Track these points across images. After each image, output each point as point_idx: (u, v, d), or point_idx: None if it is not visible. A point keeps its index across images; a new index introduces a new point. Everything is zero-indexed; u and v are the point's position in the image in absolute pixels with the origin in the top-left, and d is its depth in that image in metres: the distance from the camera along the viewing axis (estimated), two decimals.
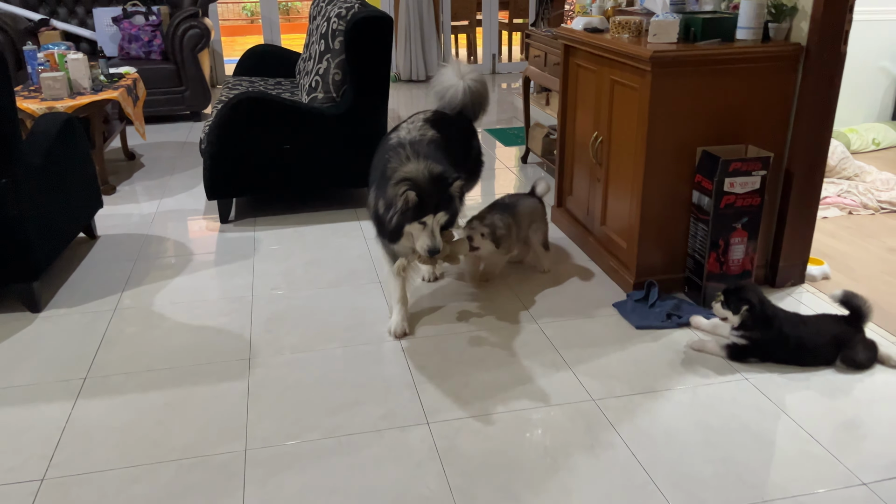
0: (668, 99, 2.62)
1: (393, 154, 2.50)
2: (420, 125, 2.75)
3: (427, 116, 2.86)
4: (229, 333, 2.66)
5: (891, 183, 3.94)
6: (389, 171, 2.45)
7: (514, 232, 2.88)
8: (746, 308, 2.35)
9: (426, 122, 2.79)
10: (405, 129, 2.73)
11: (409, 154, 2.47)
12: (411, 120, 2.82)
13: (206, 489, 1.88)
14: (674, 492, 1.84)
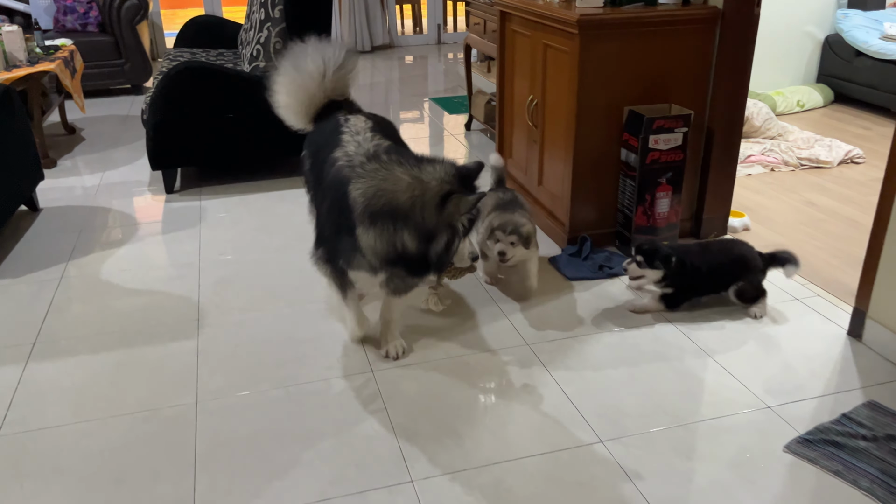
0: (595, 61, 2.75)
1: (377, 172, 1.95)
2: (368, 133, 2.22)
3: (361, 119, 2.33)
4: (178, 297, 2.72)
5: (811, 141, 4.17)
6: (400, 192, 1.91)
7: (532, 221, 2.61)
8: (673, 261, 2.45)
9: (370, 127, 2.28)
10: (352, 142, 2.15)
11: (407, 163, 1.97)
12: (349, 131, 2.22)
13: (158, 439, 1.97)
14: (599, 421, 2.00)
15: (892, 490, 1.73)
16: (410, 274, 2.03)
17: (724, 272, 2.51)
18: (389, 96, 6.02)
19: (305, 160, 2.45)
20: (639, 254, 2.49)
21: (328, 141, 2.23)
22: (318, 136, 2.38)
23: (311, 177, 2.37)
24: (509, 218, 2.48)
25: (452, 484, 1.79)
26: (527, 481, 1.80)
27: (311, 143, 2.43)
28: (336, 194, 2.02)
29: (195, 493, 1.78)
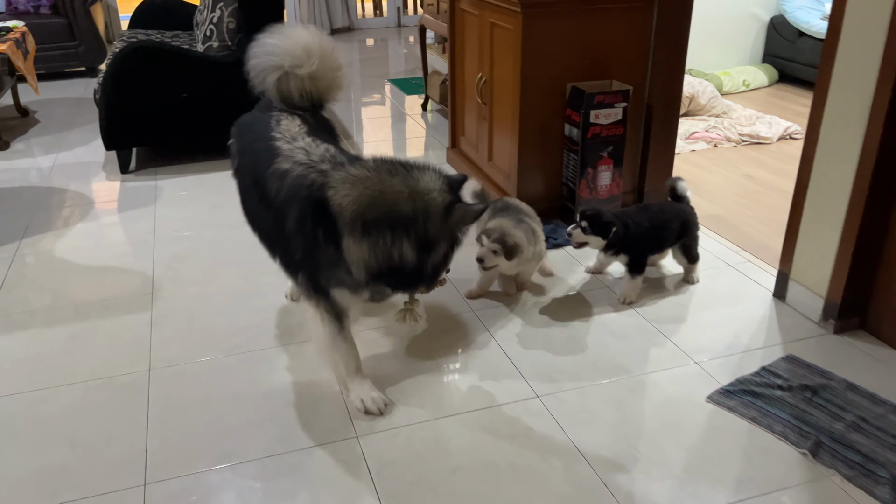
0: (538, 38, 2.84)
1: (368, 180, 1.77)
2: (307, 138, 1.98)
3: (294, 121, 2.06)
4: (133, 272, 2.77)
5: (752, 119, 4.33)
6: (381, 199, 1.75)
7: (534, 233, 2.45)
8: (613, 229, 2.41)
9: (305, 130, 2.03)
10: (296, 149, 1.91)
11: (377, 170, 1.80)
12: (283, 137, 1.96)
13: (111, 405, 2.03)
14: (536, 377, 2.12)
15: (803, 433, 1.87)
16: (397, 288, 1.92)
17: (668, 229, 2.54)
18: (350, 78, 6.06)
19: (234, 157, 2.19)
20: (583, 219, 2.45)
21: (259, 146, 1.98)
22: (248, 132, 2.12)
23: (242, 183, 2.14)
24: (501, 224, 2.36)
25: (395, 438, 1.89)
26: (465, 433, 1.90)
27: (241, 137, 2.16)
28: (303, 205, 1.79)
29: (147, 454, 1.85)
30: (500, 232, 2.33)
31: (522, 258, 2.38)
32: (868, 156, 2.11)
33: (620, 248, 2.49)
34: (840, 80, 2.16)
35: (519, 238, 2.34)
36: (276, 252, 2.03)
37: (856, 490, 1.69)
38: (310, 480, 1.75)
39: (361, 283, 1.83)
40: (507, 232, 2.33)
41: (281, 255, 2.00)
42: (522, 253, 2.35)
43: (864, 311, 2.30)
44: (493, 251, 2.31)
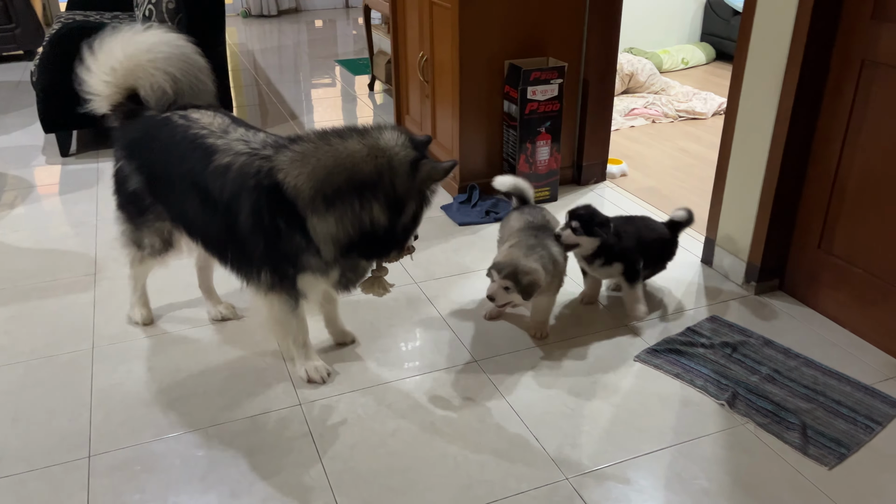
0: (476, 17, 2.90)
1: (318, 151, 1.74)
2: (241, 128, 1.93)
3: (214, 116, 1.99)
4: (74, 254, 2.76)
5: (689, 95, 4.47)
6: (340, 164, 1.71)
7: (556, 263, 2.14)
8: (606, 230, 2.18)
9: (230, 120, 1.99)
10: (233, 140, 1.85)
11: (332, 136, 1.77)
12: (214, 133, 1.89)
13: (54, 381, 2.05)
14: (474, 344, 2.20)
15: (721, 386, 1.99)
16: (371, 256, 1.87)
17: (654, 249, 2.35)
18: (297, 59, 6.03)
19: (130, 176, 2.03)
20: (574, 219, 2.18)
21: (181, 150, 1.89)
22: (148, 145, 1.99)
23: (164, 197, 2.00)
24: (514, 258, 2.04)
25: (337, 404, 1.96)
26: (405, 397, 1.98)
27: (138, 152, 2.01)
28: (255, 196, 1.74)
29: (91, 427, 1.88)
30: (512, 266, 2.01)
31: (540, 292, 2.08)
32: (781, 126, 2.23)
33: (613, 256, 2.22)
34: (755, 54, 2.28)
35: (535, 272, 2.02)
36: (226, 255, 1.93)
37: (768, 436, 1.82)
38: (253, 447, 1.81)
39: (331, 262, 1.80)
40: (520, 266, 2.01)
41: (235, 257, 1.90)
42: (539, 287, 2.04)
43: (782, 273, 2.44)
44: (506, 288, 2.02)
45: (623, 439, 1.82)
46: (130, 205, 2.09)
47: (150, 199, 2.05)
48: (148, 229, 2.11)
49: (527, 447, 1.79)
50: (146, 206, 2.06)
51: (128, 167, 2.04)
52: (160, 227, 2.10)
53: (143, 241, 2.14)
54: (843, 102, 2.13)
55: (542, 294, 2.13)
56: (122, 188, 2.09)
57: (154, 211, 2.07)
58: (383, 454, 1.78)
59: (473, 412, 1.92)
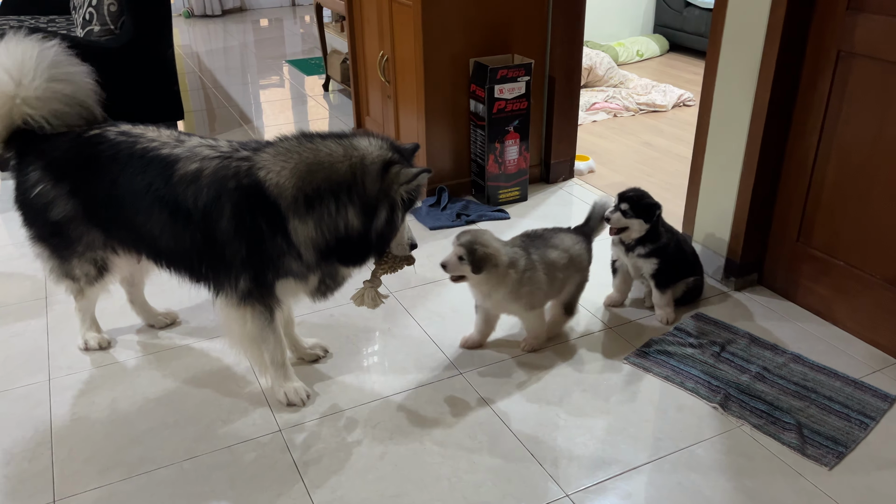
0: (439, 15, 2.82)
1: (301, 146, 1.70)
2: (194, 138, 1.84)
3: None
4: (21, 276, 2.58)
5: (648, 87, 4.47)
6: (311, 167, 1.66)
7: (532, 270, 2.00)
8: (659, 211, 2.14)
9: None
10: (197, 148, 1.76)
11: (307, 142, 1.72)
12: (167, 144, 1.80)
13: (10, 418, 1.89)
14: (457, 354, 2.12)
15: (713, 387, 1.95)
16: (348, 262, 1.78)
17: (687, 258, 2.29)
18: (245, 60, 5.84)
19: (56, 202, 1.85)
20: (623, 202, 2.12)
21: (130, 168, 1.76)
22: (83, 165, 1.83)
23: (97, 221, 1.88)
24: (476, 231, 1.96)
25: (320, 428, 1.85)
26: (391, 416, 1.88)
27: (69, 173, 1.84)
28: (236, 197, 1.66)
29: (53, 467, 1.73)
30: (471, 236, 1.93)
31: (499, 279, 1.95)
32: (758, 120, 2.21)
33: (655, 250, 2.16)
34: (729, 49, 2.25)
35: (492, 248, 1.92)
36: (199, 268, 1.80)
37: (765, 437, 1.79)
38: (234, 479, 1.69)
39: (312, 266, 1.74)
40: (478, 238, 1.93)
41: (210, 268, 1.78)
42: (495, 267, 1.93)
43: (761, 268, 2.43)
44: (459, 257, 1.92)
45: (620, 450, 1.76)
46: (54, 237, 1.91)
47: (82, 226, 1.88)
48: (79, 259, 1.95)
49: (522, 463, 1.72)
50: (74, 236, 1.89)
51: (53, 192, 1.84)
52: (91, 255, 1.94)
53: (74, 272, 1.98)
54: (820, 94, 2.11)
55: (506, 297, 1.98)
56: (41, 218, 1.88)
57: (84, 240, 1.91)
58: (372, 480, 1.69)
59: (464, 429, 1.84)
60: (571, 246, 2.11)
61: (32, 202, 1.88)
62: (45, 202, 1.86)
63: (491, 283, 1.96)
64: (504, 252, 1.96)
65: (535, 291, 2.01)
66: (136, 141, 1.81)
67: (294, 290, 1.82)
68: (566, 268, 2.08)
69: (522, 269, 1.97)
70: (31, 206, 1.89)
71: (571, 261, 2.09)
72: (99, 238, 1.93)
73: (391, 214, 1.70)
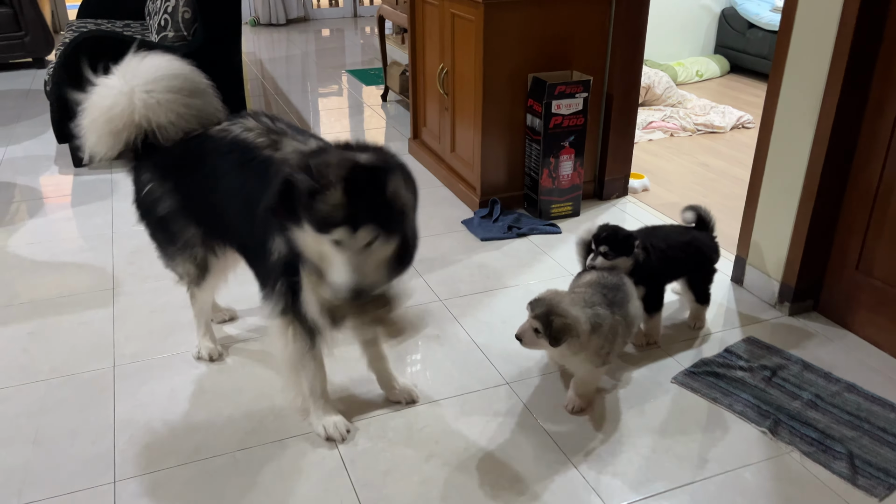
0: (500, 29, 2.86)
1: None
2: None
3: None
4: (91, 268, 2.71)
5: (706, 108, 4.43)
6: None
7: (612, 331, 1.84)
8: (637, 242, 2.08)
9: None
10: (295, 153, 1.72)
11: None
12: (269, 146, 1.78)
13: (75, 402, 1.99)
14: (504, 365, 2.15)
15: (762, 412, 1.93)
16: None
17: (679, 256, 2.22)
18: (306, 69, 5.99)
19: (161, 199, 1.92)
20: (601, 244, 2.05)
21: (222, 167, 1.81)
22: (185, 163, 1.89)
23: (193, 217, 1.94)
24: (557, 298, 1.80)
25: (368, 427, 1.90)
26: (437, 421, 1.92)
27: (173, 174, 1.92)
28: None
29: (115, 450, 1.82)
30: (546, 305, 1.76)
31: (581, 347, 1.79)
32: (820, 145, 2.18)
33: (638, 278, 2.08)
34: (793, 72, 2.23)
35: (570, 318, 1.74)
36: (258, 272, 1.84)
37: (814, 465, 1.77)
38: (283, 472, 1.75)
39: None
40: (555, 307, 1.75)
41: (261, 275, 1.81)
42: (576, 338, 1.76)
43: (818, 294, 2.39)
44: (535, 329, 1.76)
45: (665, 468, 1.76)
46: (160, 233, 2.01)
47: (181, 223, 1.95)
48: (180, 257, 2.02)
49: (566, 475, 1.74)
50: (174, 232, 1.97)
51: (159, 189, 1.93)
52: (191, 253, 2.01)
53: (178, 270, 2.06)
54: (886, 121, 2.08)
55: (583, 359, 1.83)
56: (150, 214, 1.99)
57: (183, 237, 1.97)
58: (418, 482, 1.72)
59: (508, 438, 1.86)
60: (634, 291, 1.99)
61: (144, 200, 1.97)
62: (153, 199, 1.95)
63: (572, 350, 1.80)
64: (583, 318, 1.77)
65: (609, 352, 1.86)
66: (235, 137, 1.82)
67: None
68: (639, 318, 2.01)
69: (606, 332, 1.81)
70: (143, 204, 1.99)
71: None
72: (197, 235, 1.97)
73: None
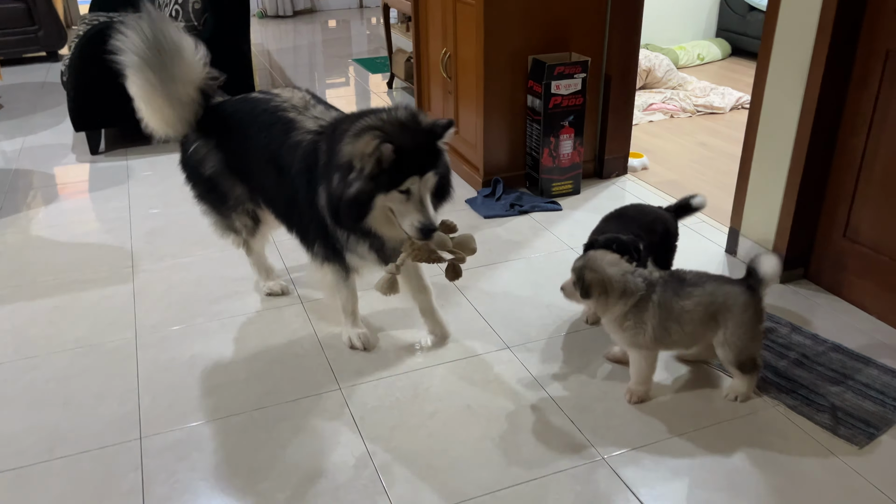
0: (499, 13, 2.96)
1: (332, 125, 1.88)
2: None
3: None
4: (111, 248, 2.83)
5: (706, 90, 4.51)
6: (337, 136, 1.79)
7: (643, 307, 1.83)
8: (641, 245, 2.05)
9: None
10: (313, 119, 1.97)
11: (359, 114, 1.82)
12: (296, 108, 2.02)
13: (100, 369, 2.11)
14: (506, 331, 2.25)
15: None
16: (338, 224, 1.94)
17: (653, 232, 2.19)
18: (313, 58, 6.10)
19: (207, 157, 2.12)
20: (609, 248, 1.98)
21: (256, 125, 2.00)
22: (226, 121, 2.09)
23: (236, 173, 2.13)
24: (593, 255, 1.88)
25: (376, 388, 2.01)
26: (441, 381, 2.03)
27: (216, 132, 2.11)
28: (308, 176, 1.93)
29: (140, 410, 1.94)
30: (584, 261, 1.87)
31: (608, 305, 1.84)
32: (806, 117, 2.27)
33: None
34: (780, 48, 2.32)
35: (603, 275, 1.82)
36: (292, 227, 2.11)
37: (798, 417, 1.86)
38: (297, 428, 1.86)
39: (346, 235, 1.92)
40: (591, 264, 1.85)
41: (299, 231, 2.07)
42: (604, 294, 1.82)
43: (807, 262, 2.48)
44: (574, 283, 1.87)
45: (658, 422, 1.86)
46: (210, 193, 2.19)
47: (229, 179, 2.14)
48: (235, 212, 2.22)
49: (563, 429, 1.84)
50: (225, 190, 2.17)
51: (204, 148, 2.12)
52: (243, 207, 2.21)
53: (235, 225, 2.26)
54: (869, 93, 2.17)
55: (615, 327, 1.88)
56: (197, 174, 2.17)
57: (233, 194, 2.17)
58: (423, 435, 1.83)
59: (508, 396, 1.97)
60: (729, 294, 1.84)
61: (189, 160, 2.16)
62: (198, 158, 2.14)
63: (599, 307, 1.87)
64: (619, 280, 1.82)
65: (639, 331, 1.85)
66: (270, 99, 2.04)
67: (357, 262, 2.02)
68: (698, 321, 1.84)
69: (632, 303, 1.83)
70: (189, 164, 2.17)
71: (724, 306, 1.83)
72: (245, 191, 2.18)
73: (344, 176, 1.74)
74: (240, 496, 1.66)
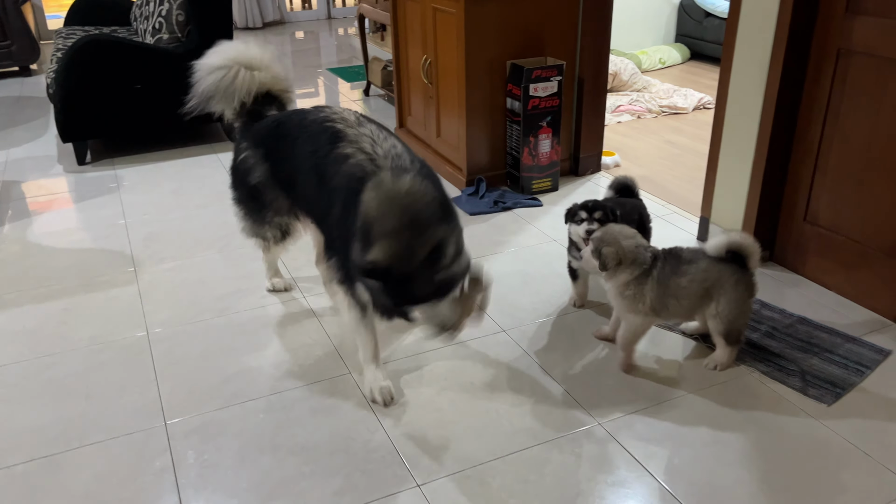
0: (479, 21, 3.13)
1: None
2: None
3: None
4: (111, 252, 2.91)
5: (670, 92, 4.75)
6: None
7: (643, 278, 1.98)
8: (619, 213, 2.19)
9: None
10: (367, 139, 1.90)
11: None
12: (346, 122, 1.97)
13: (117, 363, 2.21)
14: (500, 317, 2.41)
15: None
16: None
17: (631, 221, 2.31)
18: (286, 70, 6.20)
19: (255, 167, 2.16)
20: (594, 211, 2.17)
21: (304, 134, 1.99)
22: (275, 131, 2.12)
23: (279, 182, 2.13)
24: (609, 228, 2.03)
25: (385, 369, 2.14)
26: (444, 364, 2.18)
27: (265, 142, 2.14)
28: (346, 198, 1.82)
29: (161, 398, 2.04)
30: (602, 233, 2.01)
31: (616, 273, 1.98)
32: (767, 112, 2.48)
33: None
34: (742, 50, 2.53)
35: (617, 247, 1.96)
36: (323, 234, 2.05)
37: (772, 381, 2.06)
38: (313, 409, 1.99)
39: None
40: (606, 237, 1.98)
41: (328, 244, 2.00)
42: (619, 265, 1.97)
43: (772, 245, 2.69)
44: (593, 250, 2.00)
45: (647, 389, 2.04)
46: (252, 200, 2.24)
47: (272, 191, 2.16)
48: (269, 225, 2.28)
49: (560, 400, 2.00)
50: (266, 201, 2.20)
51: (253, 157, 2.16)
52: (279, 221, 2.26)
53: (266, 234, 2.32)
54: (822, 89, 2.38)
55: (616, 293, 2.02)
56: (243, 181, 2.22)
57: (273, 206, 2.21)
58: (432, 410, 1.98)
59: (508, 374, 2.12)
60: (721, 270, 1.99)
61: (239, 167, 2.24)
62: (247, 167, 2.20)
63: (609, 274, 2.00)
64: (632, 251, 1.97)
65: (638, 300, 2.00)
66: (321, 110, 2.02)
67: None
68: (694, 296, 1.99)
69: (637, 274, 1.98)
70: (238, 171, 2.25)
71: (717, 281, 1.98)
72: (285, 203, 2.20)
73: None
74: (268, 471, 1.78)
